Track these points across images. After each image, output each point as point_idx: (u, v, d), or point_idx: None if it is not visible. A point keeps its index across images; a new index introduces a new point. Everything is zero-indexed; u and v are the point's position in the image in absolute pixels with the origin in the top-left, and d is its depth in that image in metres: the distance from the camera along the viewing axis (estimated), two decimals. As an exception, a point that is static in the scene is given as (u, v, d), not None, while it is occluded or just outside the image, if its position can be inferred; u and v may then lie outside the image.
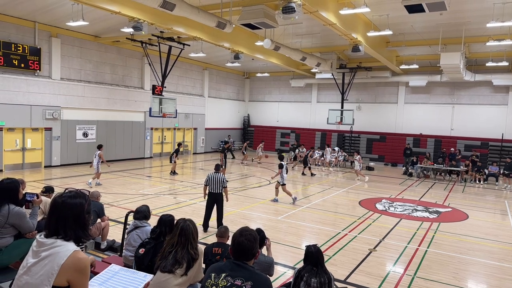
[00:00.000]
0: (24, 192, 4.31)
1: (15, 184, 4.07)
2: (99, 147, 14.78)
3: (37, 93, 17.44)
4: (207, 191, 9.27)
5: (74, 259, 2.15)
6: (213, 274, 2.87)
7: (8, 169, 16.62)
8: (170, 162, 18.04)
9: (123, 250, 5.48)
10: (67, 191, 2.41)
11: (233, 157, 25.03)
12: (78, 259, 2.17)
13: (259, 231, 4.74)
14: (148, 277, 3.47)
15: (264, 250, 4.92)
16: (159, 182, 15.97)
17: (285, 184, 12.73)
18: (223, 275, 2.81)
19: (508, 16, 12.80)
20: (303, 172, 19.88)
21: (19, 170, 16.84)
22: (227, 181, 9.38)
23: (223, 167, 17.94)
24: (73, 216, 2.26)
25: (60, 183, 14.41)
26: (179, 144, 19.49)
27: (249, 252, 2.87)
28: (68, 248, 2.17)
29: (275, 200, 12.84)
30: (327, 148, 24.20)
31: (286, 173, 12.96)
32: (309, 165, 19.90)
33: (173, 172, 17.82)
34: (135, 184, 15.14)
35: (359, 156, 19.27)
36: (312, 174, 19.55)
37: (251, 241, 2.89)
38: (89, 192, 2.60)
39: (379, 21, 15.68)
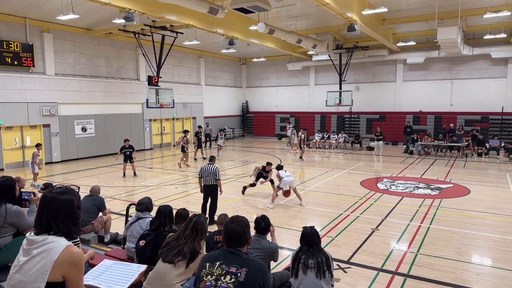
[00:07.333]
0: (21, 191, 4.28)
1: (11, 181, 4.03)
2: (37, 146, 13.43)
3: (33, 90, 17.32)
4: (202, 183, 8.99)
5: (67, 253, 2.14)
6: (207, 264, 2.86)
7: (9, 167, 16.62)
8: (129, 161, 14.87)
9: (126, 242, 5.49)
10: (55, 187, 2.39)
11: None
12: (71, 253, 2.16)
13: (264, 218, 4.75)
14: (142, 267, 3.48)
15: (268, 237, 4.93)
16: (161, 173, 15.98)
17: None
18: (218, 263, 2.81)
19: (505, -14, 12.57)
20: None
21: (20, 168, 16.84)
22: (220, 172, 8.98)
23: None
24: (65, 211, 2.26)
25: (62, 179, 14.44)
26: (125, 140, 15.36)
27: (242, 238, 2.89)
28: (60, 243, 2.16)
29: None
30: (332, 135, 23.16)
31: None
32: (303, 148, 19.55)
33: (129, 174, 14.89)
34: (137, 176, 15.13)
35: (301, 130, 20.28)
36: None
37: (243, 227, 2.91)
38: (78, 188, 2.59)
39: (374, -2, 15.42)
